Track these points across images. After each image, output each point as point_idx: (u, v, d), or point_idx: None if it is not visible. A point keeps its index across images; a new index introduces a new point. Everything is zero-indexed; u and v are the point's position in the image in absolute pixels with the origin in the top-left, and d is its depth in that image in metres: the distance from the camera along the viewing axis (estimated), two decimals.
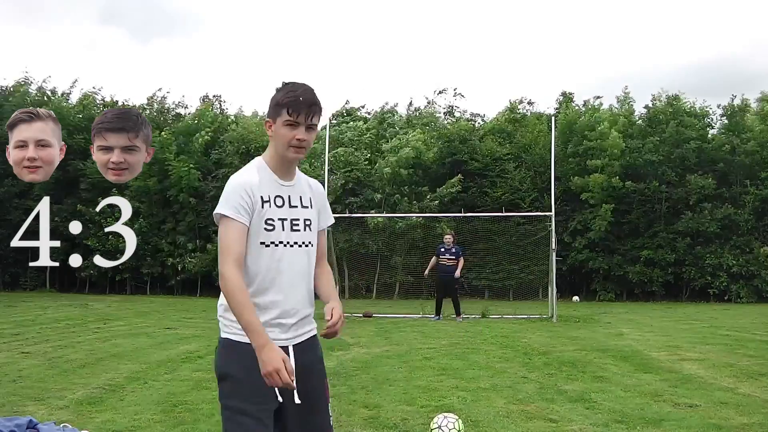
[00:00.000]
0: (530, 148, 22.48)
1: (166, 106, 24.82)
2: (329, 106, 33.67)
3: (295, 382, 2.19)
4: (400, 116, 25.47)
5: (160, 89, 30.16)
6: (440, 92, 26.00)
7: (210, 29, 57.56)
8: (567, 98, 24.94)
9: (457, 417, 4.51)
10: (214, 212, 2.32)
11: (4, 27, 51.57)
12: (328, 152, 15.04)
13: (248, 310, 2.17)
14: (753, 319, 13.81)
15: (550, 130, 16.20)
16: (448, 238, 13.69)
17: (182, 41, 58.56)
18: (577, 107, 23.51)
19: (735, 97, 22.38)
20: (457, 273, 13.52)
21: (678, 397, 5.65)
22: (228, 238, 2.25)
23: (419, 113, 25.73)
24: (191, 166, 21.62)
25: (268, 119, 2.44)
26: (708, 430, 4.62)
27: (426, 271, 14.00)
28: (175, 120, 24.33)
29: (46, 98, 23.02)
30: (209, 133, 22.65)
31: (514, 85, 60.20)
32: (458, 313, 13.38)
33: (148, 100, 24.46)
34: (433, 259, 13.70)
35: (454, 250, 13.45)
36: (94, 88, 24.32)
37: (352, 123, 24.09)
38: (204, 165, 22.22)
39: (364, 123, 24.22)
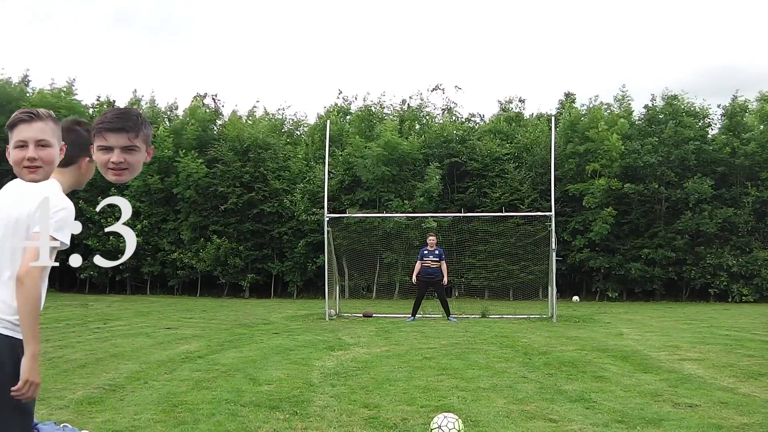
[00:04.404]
0: (531, 148, 22.48)
1: (157, 107, 24.97)
2: (326, 103, 33.59)
3: None
4: (388, 109, 25.30)
5: (135, 90, 30.30)
6: (434, 89, 25.88)
7: (207, 30, 57.59)
8: (569, 99, 24.92)
9: (457, 417, 4.51)
10: (55, 235, 2.28)
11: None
12: (328, 149, 14.95)
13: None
14: (753, 319, 13.81)
15: (551, 130, 16.18)
16: (432, 240, 13.46)
17: (179, 43, 58.59)
18: (581, 108, 23.43)
19: (736, 97, 22.39)
20: (445, 280, 13.42)
21: (678, 397, 5.64)
22: (50, 252, 2.25)
23: (409, 108, 25.62)
24: (200, 161, 21.73)
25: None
26: (708, 430, 4.61)
27: (413, 278, 13.66)
28: (171, 121, 24.51)
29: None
30: (196, 125, 22.75)
31: (517, 87, 60.36)
32: (448, 313, 13.32)
33: (131, 102, 24.56)
34: (417, 264, 13.46)
35: (437, 252, 13.30)
36: (68, 81, 24.35)
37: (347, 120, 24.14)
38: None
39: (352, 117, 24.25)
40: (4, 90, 22.59)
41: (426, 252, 13.36)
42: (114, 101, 25.01)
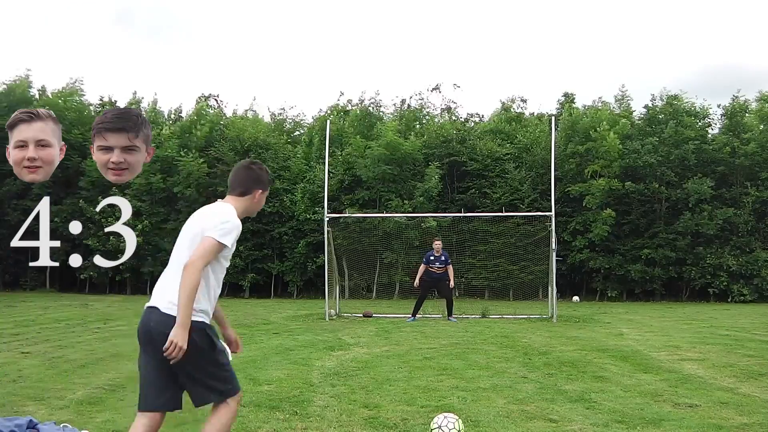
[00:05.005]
0: (531, 148, 22.47)
1: (159, 108, 25.03)
2: (325, 103, 33.61)
3: None
4: (386, 108, 25.24)
5: (135, 92, 30.56)
6: (434, 89, 25.83)
7: (206, 31, 57.59)
8: (569, 99, 24.90)
9: (457, 417, 4.51)
10: (217, 238, 2.97)
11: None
12: (328, 150, 14.95)
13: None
14: (753, 319, 13.80)
15: (551, 130, 16.17)
16: (438, 245, 13.34)
17: (180, 44, 58.59)
18: (581, 108, 23.41)
19: (736, 97, 22.37)
20: (452, 284, 13.36)
21: (678, 397, 5.64)
22: (213, 252, 2.97)
23: (408, 109, 25.57)
24: (200, 161, 21.74)
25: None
26: (708, 430, 4.61)
27: (417, 281, 13.49)
28: (174, 122, 24.56)
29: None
30: (206, 126, 22.77)
31: (517, 87, 60.35)
32: (450, 313, 13.29)
33: (131, 102, 24.59)
34: (422, 267, 13.35)
35: (443, 258, 13.22)
36: (79, 82, 24.41)
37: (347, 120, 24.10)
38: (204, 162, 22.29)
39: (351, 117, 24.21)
40: (22, 93, 22.57)
41: (432, 258, 13.23)
42: (116, 101, 25.01)
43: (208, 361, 3.04)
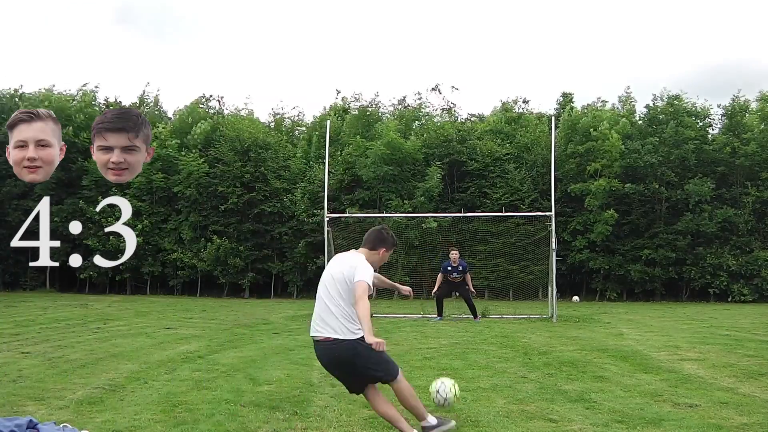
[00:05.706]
0: (531, 148, 22.47)
1: (160, 106, 25.07)
2: (323, 103, 33.49)
3: None
4: (384, 108, 25.20)
5: (148, 83, 30.62)
6: (433, 89, 25.79)
7: (207, 31, 57.60)
8: (567, 99, 24.88)
9: (453, 381, 5.01)
10: (364, 281, 4.23)
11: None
12: (328, 149, 14.96)
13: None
14: (753, 319, 13.80)
15: (551, 130, 16.15)
16: (455, 255, 13.19)
17: (181, 43, 58.60)
18: (580, 108, 23.40)
19: (736, 97, 22.35)
20: (472, 290, 13.29)
21: (678, 397, 5.64)
22: (366, 289, 4.17)
23: (407, 108, 25.54)
24: (200, 161, 21.75)
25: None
26: (708, 430, 4.62)
27: (435, 290, 13.31)
28: (173, 120, 24.62)
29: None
30: (207, 125, 22.77)
31: (517, 87, 60.33)
32: (475, 315, 13.16)
33: (139, 99, 24.58)
34: (440, 276, 13.22)
35: (461, 268, 13.10)
36: (96, 87, 24.50)
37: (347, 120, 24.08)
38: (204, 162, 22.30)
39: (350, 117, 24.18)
40: (33, 99, 22.59)
41: (450, 268, 13.11)
42: (120, 101, 24.99)
43: (371, 357, 4.21)
